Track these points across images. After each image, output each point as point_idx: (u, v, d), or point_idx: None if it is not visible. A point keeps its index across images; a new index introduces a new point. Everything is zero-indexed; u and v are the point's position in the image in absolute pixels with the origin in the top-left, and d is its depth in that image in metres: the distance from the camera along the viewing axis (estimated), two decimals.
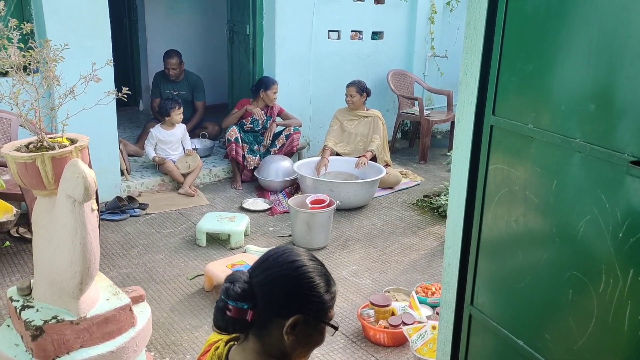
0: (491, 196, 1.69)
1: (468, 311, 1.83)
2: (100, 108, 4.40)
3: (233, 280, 1.33)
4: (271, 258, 1.35)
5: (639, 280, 1.27)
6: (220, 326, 1.33)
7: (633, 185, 1.26)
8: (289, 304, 1.29)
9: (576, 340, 1.44)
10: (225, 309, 1.29)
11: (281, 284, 1.30)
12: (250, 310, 1.28)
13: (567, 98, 1.42)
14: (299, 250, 1.38)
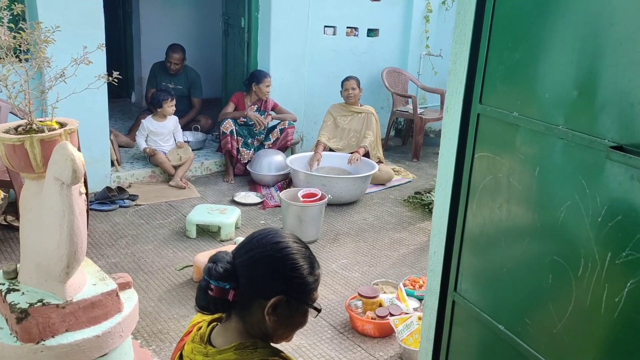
0: (476, 184, 1.71)
1: (452, 297, 1.84)
2: (92, 98, 4.44)
3: (216, 260, 1.33)
4: (255, 239, 1.36)
5: (615, 264, 1.28)
6: (202, 305, 1.34)
7: (612, 170, 1.28)
8: (271, 285, 1.30)
9: (555, 324, 1.46)
10: (208, 288, 1.30)
11: (264, 265, 1.31)
12: (232, 290, 1.29)
13: (551, 86, 1.44)
14: (283, 232, 1.39)
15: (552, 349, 1.48)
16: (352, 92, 5.37)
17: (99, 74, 2.53)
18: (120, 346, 2.41)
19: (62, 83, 2.20)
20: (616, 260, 1.28)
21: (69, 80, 2.20)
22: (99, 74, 2.47)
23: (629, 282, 1.26)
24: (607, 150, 1.24)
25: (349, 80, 5.40)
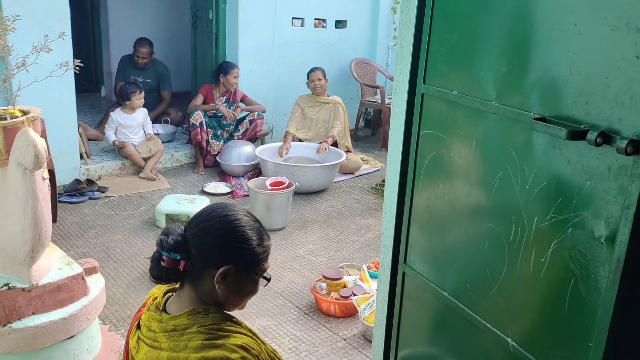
0: (422, 160, 1.81)
1: (402, 269, 1.94)
2: (59, 91, 4.45)
3: (167, 233, 1.40)
4: (205, 213, 1.43)
5: (541, 227, 1.39)
6: (155, 275, 1.41)
7: (537, 141, 1.39)
8: (220, 256, 1.37)
9: (492, 287, 1.57)
10: (160, 259, 1.37)
11: (213, 237, 1.38)
12: (182, 261, 1.36)
13: (485, 64, 1.54)
14: (234, 206, 1.46)
15: (490, 311, 1.59)
16: (318, 82, 5.45)
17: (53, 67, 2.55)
18: (88, 329, 2.46)
19: (26, 73, 2.24)
20: (542, 224, 1.39)
21: (34, 70, 2.24)
22: (56, 65, 2.50)
23: (552, 243, 1.37)
24: (532, 122, 1.34)
25: (315, 71, 5.48)
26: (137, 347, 1.43)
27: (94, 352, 2.53)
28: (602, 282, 1.26)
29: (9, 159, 2.17)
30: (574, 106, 1.29)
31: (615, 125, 1.20)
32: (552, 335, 1.42)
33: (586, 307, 1.30)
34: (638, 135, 1.15)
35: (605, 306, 1.26)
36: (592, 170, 1.26)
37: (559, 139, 1.29)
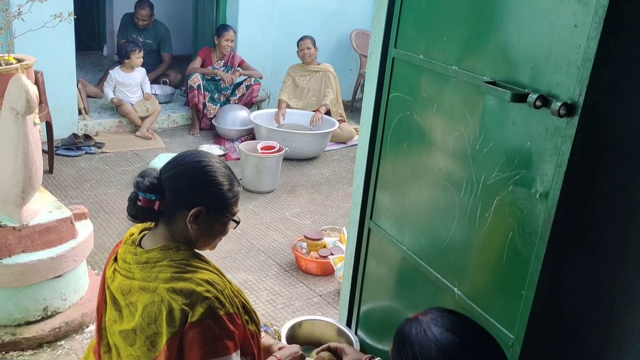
0: (390, 122, 1.91)
1: (368, 225, 2.07)
2: (59, 47, 4.53)
3: (143, 175, 1.51)
4: (179, 158, 1.54)
5: (487, 184, 1.50)
6: (132, 214, 1.52)
7: (487, 103, 1.49)
8: (192, 197, 1.48)
9: (443, 240, 1.69)
10: (136, 199, 1.49)
11: (186, 180, 1.49)
12: (157, 201, 1.47)
13: (448, 29, 1.63)
14: (208, 153, 1.57)
15: (440, 263, 1.72)
16: (307, 51, 5.48)
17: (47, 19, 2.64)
18: (75, 270, 2.60)
19: (22, 22, 2.33)
20: (487, 181, 1.50)
21: (32, 21, 2.32)
22: (50, 16, 2.58)
23: (495, 199, 1.48)
24: (483, 85, 1.44)
25: (304, 40, 5.50)
26: (112, 277, 1.55)
27: (80, 292, 2.67)
28: (535, 235, 1.37)
29: (1, 104, 2.28)
30: (520, 71, 1.39)
31: (553, 90, 1.30)
32: (491, 284, 1.54)
33: (521, 258, 1.42)
34: (571, 99, 1.25)
35: (536, 257, 1.38)
36: (532, 132, 1.36)
37: (506, 102, 1.39)
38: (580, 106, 1.23)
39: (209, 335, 1.40)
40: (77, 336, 2.59)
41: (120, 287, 1.50)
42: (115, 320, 1.52)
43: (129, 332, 1.47)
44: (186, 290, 1.41)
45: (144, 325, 1.43)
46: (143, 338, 1.44)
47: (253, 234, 3.68)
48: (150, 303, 1.43)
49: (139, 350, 1.46)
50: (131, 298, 1.47)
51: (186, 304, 1.40)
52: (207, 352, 1.39)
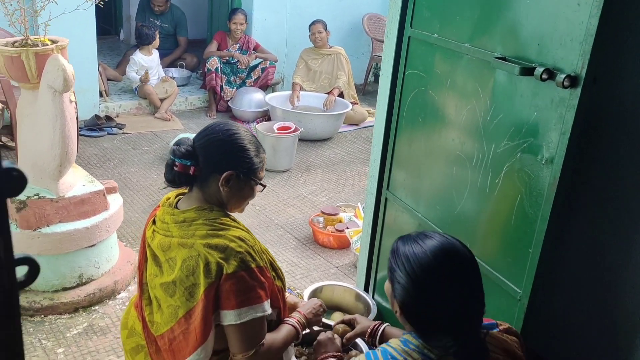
0: (406, 97, 2.04)
1: (384, 195, 2.20)
2: (81, 30, 4.67)
3: (179, 143, 1.66)
4: (210, 128, 1.69)
5: (497, 153, 1.63)
6: (169, 179, 1.67)
7: (497, 77, 1.61)
8: (224, 163, 1.62)
9: (456, 206, 1.82)
10: (173, 165, 1.63)
11: (217, 147, 1.64)
12: (192, 167, 1.62)
13: (461, 9, 1.75)
14: (236, 123, 1.72)
15: (454, 227, 1.85)
16: (318, 35, 5.58)
17: (89, 3, 2.79)
18: (107, 240, 2.77)
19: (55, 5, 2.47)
20: (498, 150, 1.63)
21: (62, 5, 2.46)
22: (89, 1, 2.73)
23: (505, 165, 1.61)
24: (493, 60, 1.56)
25: (315, 24, 5.60)
26: (152, 236, 1.71)
27: (112, 261, 2.84)
28: (541, 197, 1.50)
29: (40, 83, 2.43)
30: (528, 47, 1.51)
31: (558, 64, 1.42)
32: (501, 245, 1.68)
33: (528, 219, 1.55)
34: (575, 71, 1.38)
35: (542, 218, 1.51)
36: (539, 103, 1.49)
37: (514, 75, 1.51)
38: (582, 78, 1.35)
39: (243, 285, 1.55)
40: (110, 302, 2.77)
41: (160, 245, 1.65)
42: (156, 275, 1.67)
43: (169, 284, 1.62)
44: (221, 245, 1.56)
45: (183, 278, 1.58)
46: (182, 289, 1.59)
47: (271, 209, 3.84)
48: (189, 257, 1.58)
49: (178, 301, 1.61)
50: (170, 254, 1.62)
51: (221, 257, 1.55)
52: (242, 300, 1.55)
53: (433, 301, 1.21)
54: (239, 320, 1.56)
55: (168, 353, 1.67)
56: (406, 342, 1.26)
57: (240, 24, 5.53)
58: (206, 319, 1.57)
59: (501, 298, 1.64)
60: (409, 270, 1.22)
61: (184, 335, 1.62)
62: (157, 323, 1.69)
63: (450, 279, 1.21)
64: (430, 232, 1.29)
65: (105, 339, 2.53)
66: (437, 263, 1.20)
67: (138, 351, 1.81)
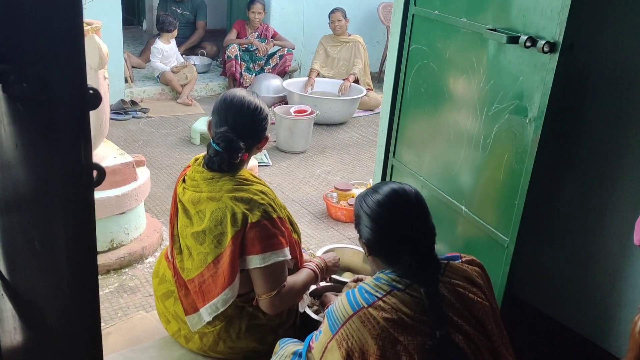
0: (410, 70, 2.22)
1: (391, 162, 2.39)
2: (108, 17, 4.90)
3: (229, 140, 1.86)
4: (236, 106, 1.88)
5: (488, 115, 1.81)
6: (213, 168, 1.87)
7: (489, 47, 1.79)
8: (261, 134, 1.88)
9: (453, 167, 2.01)
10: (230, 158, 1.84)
11: (254, 126, 1.89)
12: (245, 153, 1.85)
13: None
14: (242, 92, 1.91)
15: (451, 187, 2.04)
16: (338, 23, 5.76)
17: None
18: (136, 209, 3.00)
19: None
20: (488, 113, 1.81)
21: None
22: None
23: (495, 127, 1.79)
24: (485, 32, 1.74)
25: (335, 12, 5.77)
26: (182, 192, 1.92)
27: (140, 229, 3.07)
28: (525, 153, 1.68)
29: None
30: (515, 19, 1.69)
31: (540, 32, 1.60)
32: (491, 198, 1.86)
33: (514, 173, 1.74)
34: (553, 38, 1.55)
35: (526, 171, 1.69)
36: (524, 68, 1.66)
37: (502, 44, 1.69)
38: (560, 44, 1.53)
39: (266, 233, 1.76)
40: (139, 265, 3.00)
41: (191, 199, 1.87)
42: (187, 225, 1.89)
43: (199, 233, 1.84)
44: (246, 198, 1.77)
45: (211, 227, 1.80)
46: (211, 237, 1.81)
47: (288, 187, 4.05)
48: (217, 209, 1.79)
49: (207, 248, 1.82)
50: (200, 207, 1.84)
51: (246, 208, 1.76)
52: (265, 246, 1.76)
53: (389, 229, 1.46)
54: (263, 264, 1.77)
55: (198, 294, 1.88)
56: (378, 278, 1.47)
57: (258, 13, 5.73)
58: (233, 263, 1.78)
59: (491, 246, 1.82)
60: (368, 211, 1.47)
61: (213, 278, 1.83)
62: (187, 269, 1.90)
63: (400, 209, 1.46)
64: (386, 182, 1.57)
65: (134, 297, 2.77)
66: (389, 199, 1.46)
67: (168, 296, 2.03)
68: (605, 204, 1.79)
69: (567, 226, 1.89)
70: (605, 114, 1.68)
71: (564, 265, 1.93)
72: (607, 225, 1.81)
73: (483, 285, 1.48)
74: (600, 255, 1.84)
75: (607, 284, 1.83)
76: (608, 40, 1.58)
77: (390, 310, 1.37)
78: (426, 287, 1.39)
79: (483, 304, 1.45)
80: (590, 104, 1.68)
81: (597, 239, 1.84)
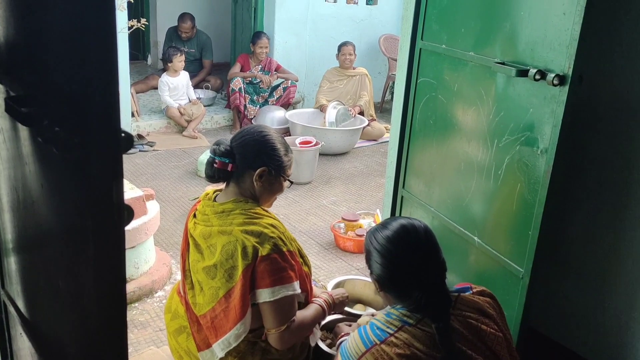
0: (419, 103, 2.25)
1: (400, 194, 2.40)
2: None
3: (218, 144, 1.90)
4: (246, 130, 1.93)
5: (499, 147, 1.83)
6: (209, 175, 1.91)
7: (498, 80, 1.82)
8: (258, 160, 1.86)
9: (464, 198, 2.02)
10: (213, 162, 1.87)
11: (252, 146, 1.88)
12: (230, 164, 1.86)
13: (465, 22, 1.97)
14: (267, 127, 1.96)
15: (463, 218, 2.05)
16: (349, 57, 5.85)
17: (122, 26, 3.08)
18: (145, 243, 3.01)
19: None
20: (499, 144, 1.84)
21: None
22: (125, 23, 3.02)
23: (506, 158, 1.81)
24: (494, 65, 1.78)
25: (347, 46, 5.87)
26: (194, 227, 1.93)
27: (149, 263, 3.07)
28: (538, 184, 1.70)
29: None
30: (524, 53, 1.72)
31: (549, 65, 1.63)
32: (504, 229, 1.87)
33: (527, 204, 1.75)
34: (563, 71, 1.58)
35: (539, 202, 1.70)
36: (534, 100, 1.69)
37: (511, 77, 1.73)
38: (569, 77, 1.56)
39: (276, 266, 1.76)
40: (148, 300, 2.99)
41: (202, 233, 1.87)
42: (198, 260, 1.89)
43: (210, 268, 1.84)
44: (256, 231, 1.78)
45: (222, 261, 1.80)
46: (222, 271, 1.81)
47: (295, 218, 4.05)
48: (227, 243, 1.79)
49: (219, 282, 1.82)
50: (211, 241, 1.84)
51: (257, 241, 1.76)
52: (275, 280, 1.76)
53: (399, 265, 1.47)
54: (272, 298, 1.77)
55: (210, 330, 1.87)
56: (389, 314, 1.47)
57: (265, 47, 5.83)
58: (244, 297, 1.78)
59: (506, 278, 1.82)
60: (378, 247, 1.49)
61: (225, 312, 1.83)
62: (199, 304, 1.90)
63: (409, 245, 1.48)
64: (395, 217, 1.57)
65: (145, 332, 2.75)
66: (398, 235, 1.48)
67: (180, 332, 2.02)
68: (618, 233, 1.79)
69: (582, 256, 1.89)
70: (615, 142, 1.71)
71: (580, 295, 1.93)
72: (622, 255, 1.81)
73: (495, 316, 1.48)
74: (615, 285, 1.84)
75: (623, 313, 1.82)
76: (616, 70, 1.61)
77: (402, 346, 1.37)
78: (437, 323, 1.39)
79: (496, 335, 1.44)
80: (600, 134, 1.70)
81: (611, 268, 1.84)
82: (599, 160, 1.78)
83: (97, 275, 0.91)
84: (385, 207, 2.55)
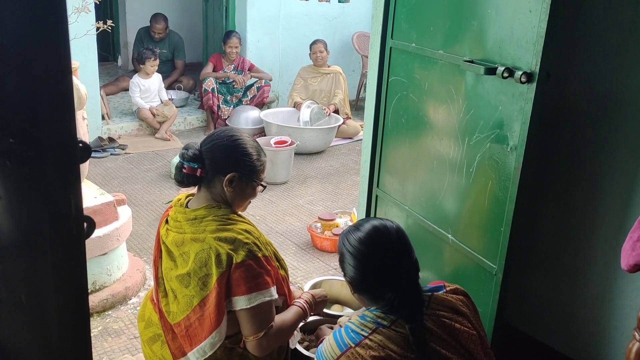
0: (390, 101, 2.25)
1: (375, 193, 2.40)
2: (84, 55, 4.90)
3: (187, 148, 1.86)
4: (216, 133, 1.89)
5: (470, 145, 1.84)
6: (177, 179, 1.87)
7: (467, 78, 1.82)
8: (228, 165, 1.82)
9: (437, 196, 2.02)
10: (182, 167, 1.83)
11: (222, 151, 1.83)
12: (199, 169, 1.82)
13: (434, 21, 1.97)
14: (239, 130, 1.92)
15: (436, 216, 2.05)
16: (320, 54, 5.83)
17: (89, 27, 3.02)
18: (117, 249, 2.95)
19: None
20: (470, 142, 1.84)
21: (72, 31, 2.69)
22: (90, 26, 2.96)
23: (477, 156, 1.82)
24: (463, 63, 1.78)
25: (317, 44, 5.85)
26: (166, 234, 1.89)
27: (122, 269, 3.02)
28: (509, 181, 1.71)
29: None
30: (492, 51, 1.73)
31: (516, 63, 1.64)
32: (477, 226, 1.87)
33: (499, 201, 1.75)
34: (530, 68, 1.59)
35: (510, 199, 1.71)
36: (502, 98, 1.70)
37: (480, 75, 1.73)
38: (537, 74, 1.56)
39: (252, 273, 1.73)
40: (122, 307, 2.94)
41: (174, 241, 1.84)
42: (171, 268, 1.85)
43: (184, 276, 1.80)
44: (230, 238, 1.75)
45: (196, 269, 1.76)
46: (196, 279, 1.77)
47: (271, 219, 4.03)
48: (201, 250, 1.76)
49: (192, 290, 1.79)
50: (184, 248, 1.81)
51: (231, 248, 1.73)
52: (251, 286, 1.73)
53: (371, 266, 1.46)
54: (249, 305, 1.74)
55: (185, 339, 1.84)
56: (363, 316, 1.46)
57: (235, 47, 5.78)
58: (219, 305, 1.74)
59: (479, 274, 1.83)
60: (351, 249, 1.48)
61: (199, 321, 1.79)
62: (173, 312, 1.86)
63: (381, 246, 1.46)
64: (368, 218, 1.56)
65: (119, 340, 2.70)
66: (370, 237, 1.47)
67: (155, 340, 1.98)
68: (589, 228, 1.81)
69: (553, 251, 1.91)
70: (585, 139, 1.72)
71: (552, 289, 1.94)
72: (593, 249, 1.83)
73: (469, 314, 1.48)
74: (587, 279, 1.86)
75: (595, 307, 1.85)
76: (583, 68, 1.63)
77: (377, 348, 1.37)
78: (410, 324, 1.39)
79: (470, 333, 1.44)
80: (570, 130, 1.72)
81: (583, 262, 1.86)
82: (569, 156, 1.80)
83: (57, 288, 0.88)
84: (360, 207, 2.55)
